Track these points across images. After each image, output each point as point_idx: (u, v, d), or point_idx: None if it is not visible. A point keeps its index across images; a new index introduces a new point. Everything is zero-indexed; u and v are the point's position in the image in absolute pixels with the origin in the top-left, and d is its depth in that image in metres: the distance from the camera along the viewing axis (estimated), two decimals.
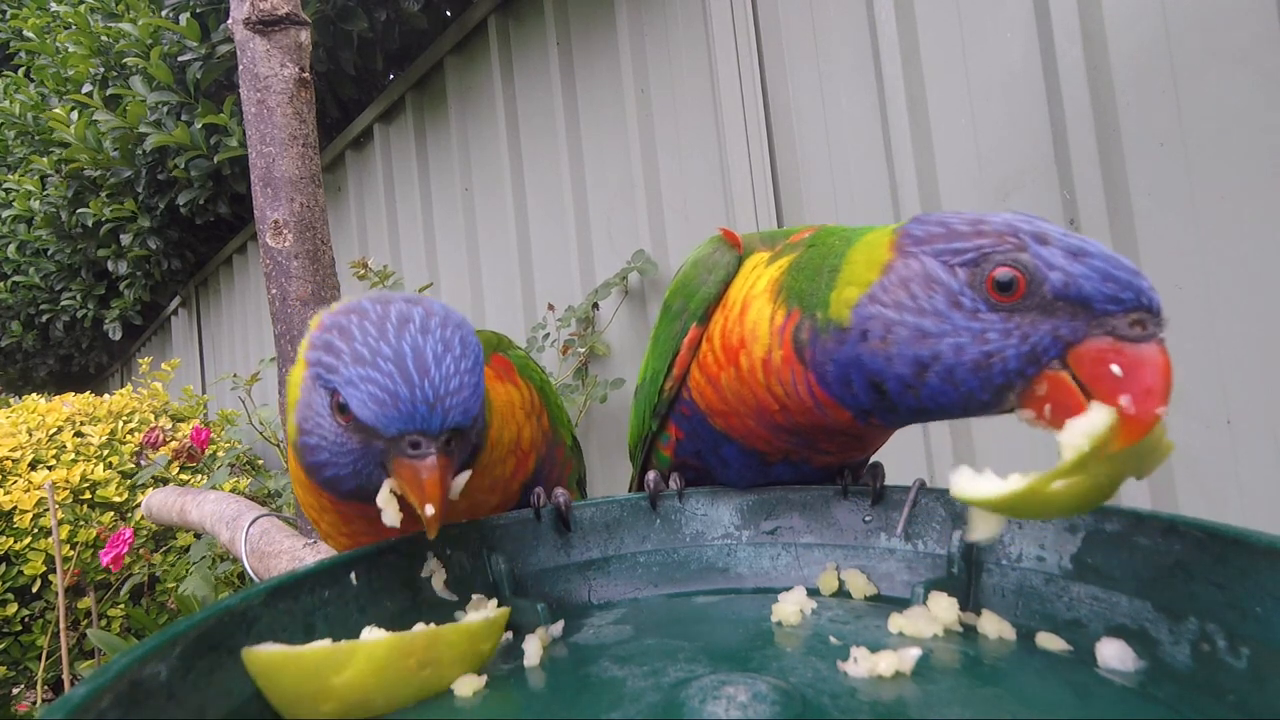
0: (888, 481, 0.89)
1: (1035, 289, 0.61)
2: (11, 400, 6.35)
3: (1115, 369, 0.58)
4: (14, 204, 6.35)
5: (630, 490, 1.16)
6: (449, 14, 3.71)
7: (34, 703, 3.78)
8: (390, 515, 0.72)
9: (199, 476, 4.25)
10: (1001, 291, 0.62)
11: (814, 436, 0.84)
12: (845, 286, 0.71)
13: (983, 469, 0.63)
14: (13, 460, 4.02)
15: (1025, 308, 0.62)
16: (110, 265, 6.13)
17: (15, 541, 3.76)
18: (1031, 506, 0.61)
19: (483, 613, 0.73)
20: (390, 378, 0.66)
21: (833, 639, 0.69)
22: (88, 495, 4.08)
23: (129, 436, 4.52)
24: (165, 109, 4.49)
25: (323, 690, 0.57)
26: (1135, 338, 0.59)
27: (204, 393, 6.56)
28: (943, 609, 0.71)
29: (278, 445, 3.69)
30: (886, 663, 0.60)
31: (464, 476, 0.73)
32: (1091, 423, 0.59)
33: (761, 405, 0.83)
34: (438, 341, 0.69)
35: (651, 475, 0.96)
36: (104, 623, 3.93)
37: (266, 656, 0.57)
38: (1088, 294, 0.59)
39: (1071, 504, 0.60)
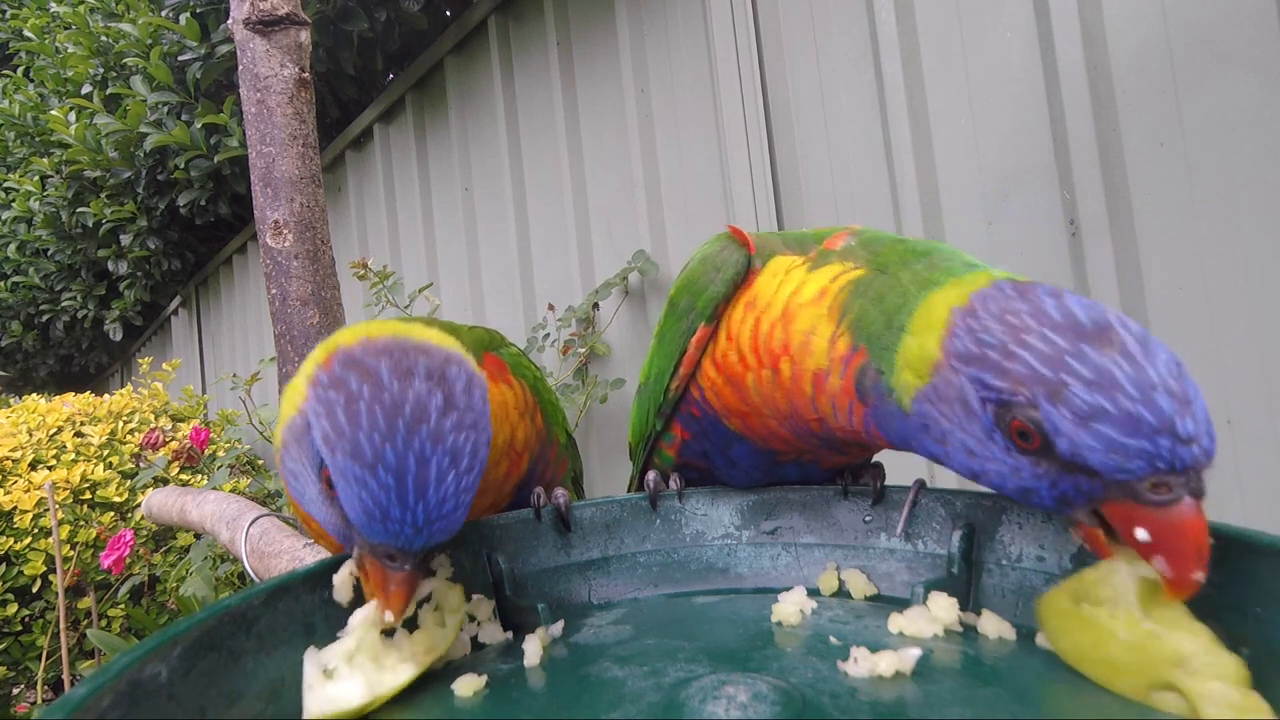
0: (888, 481, 0.89)
1: (1049, 447, 0.58)
2: (11, 400, 6.34)
3: (1140, 533, 0.56)
4: (14, 204, 6.36)
5: (630, 490, 1.16)
6: (449, 14, 3.71)
7: (34, 703, 3.78)
8: (341, 593, 0.69)
9: (199, 477, 4.25)
10: (1024, 440, 0.60)
11: (842, 443, 0.84)
12: (905, 368, 0.69)
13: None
14: (13, 460, 4.02)
15: (1047, 460, 0.59)
16: (110, 265, 6.13)
17: (15, 541, 3.76)
18: (1056, 623, 0.62)
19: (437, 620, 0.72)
20: (386, 491, 0.62)
21: (833, 639, 0.69)
22: (88, 495, 4.08)
23: (129, 436, 4.52)
24: (165, 109, 4.49)
25: None
26: (1157, 503, 0.55)
27: (204, 393, 6.56)
28: (943, 609, 0.71)
29: None
30: (886, 663, 0.60)
31: (429, 583, 0.71)
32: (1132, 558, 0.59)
33: (798, 412, 0.82)
34: (446, 453, 0.63)
35: (651, 475, 0.96)
36: (104, 623, 3.93)
37: None
38: (1094, 466, 0.56)
39: (1083, 643, 0.60)
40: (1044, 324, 0.59)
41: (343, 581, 0.70)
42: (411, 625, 0.70)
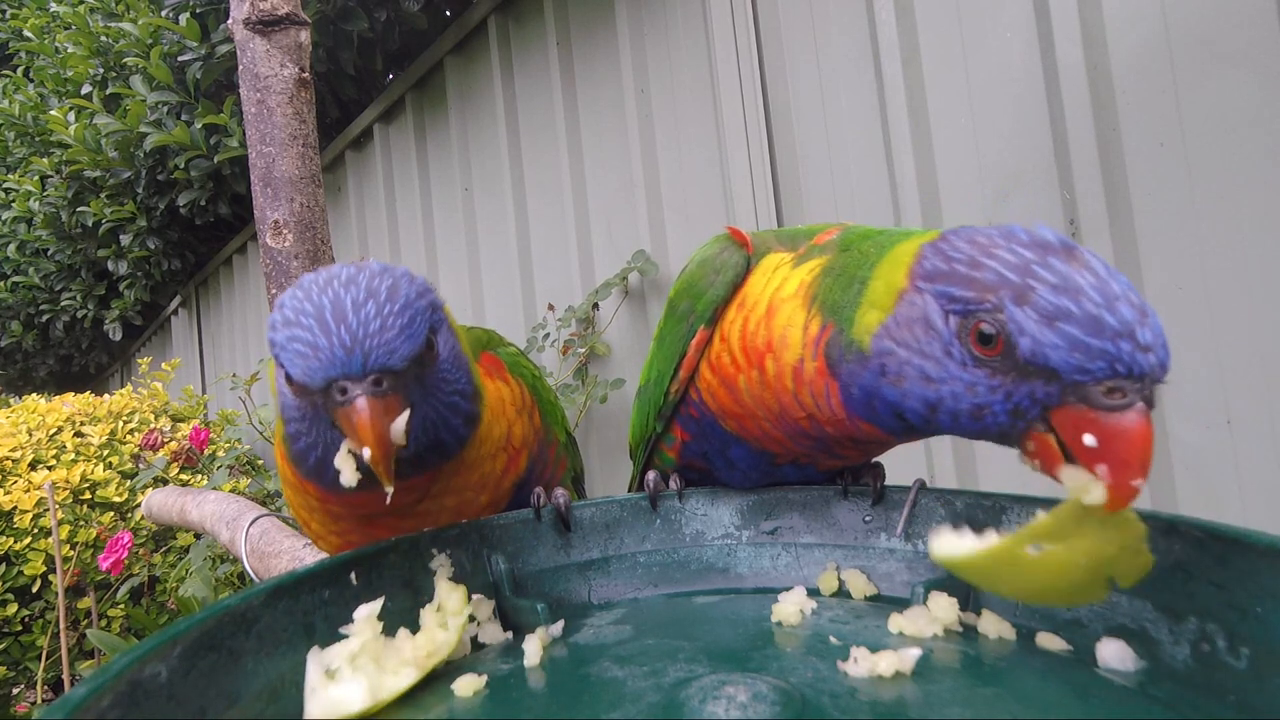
0: (888, 481, 0.89)
1: (1010, 351, 0.59)
2: (11, 400, 6.34)
3: (1088, 439, 0.57)
4: (14, 204, 6.35)
5: (630, 490, 1.16)
6: (449, 14, 3.71)
7: (34, 703, 3.78)
8: (347, 475, 0.72)
9: (199, 477, 4.24)
10: (985, 346, 0.60)
11: (835, 443, 0.83)
12: (869, 309, 0.70)
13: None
14: (13, 460, 4.02)
15: (1005, 367, 0.60)
16: (110, 265, 6.13)
17: (15, 541, 3.75)
18: (1004, 572, 0.59)
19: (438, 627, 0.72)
20: (309, 330, 0.68)
21: (833, 639, 0.69)
22: (88, 495, 4.08)
23: (129, 437, 4.52)
24: (165, 109, 4.49)
25: None
26: (1110, 407, 0.56)
27: (204, 393, 6.56)
28: (943, 609, 0.71)
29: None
30: (886, 663, 0.60)
31: (403, 419, 0.71)
32: (1073, 480, 0.58)
33: (786, 410, 0.82)
34: (360, 290, 0.70)
35: (651, 475, 0.96)
36: (104, 623, 3.93)
37: None
38: (1054, 364, 0.57)
39: (1045, 580, 0.59)
40: (1012, 241, 0.61)
41: (343, 460, 0.72)
42: (414, 626, 0.70)
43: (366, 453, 0.67)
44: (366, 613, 0.66)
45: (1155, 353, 0.56)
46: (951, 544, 0.62)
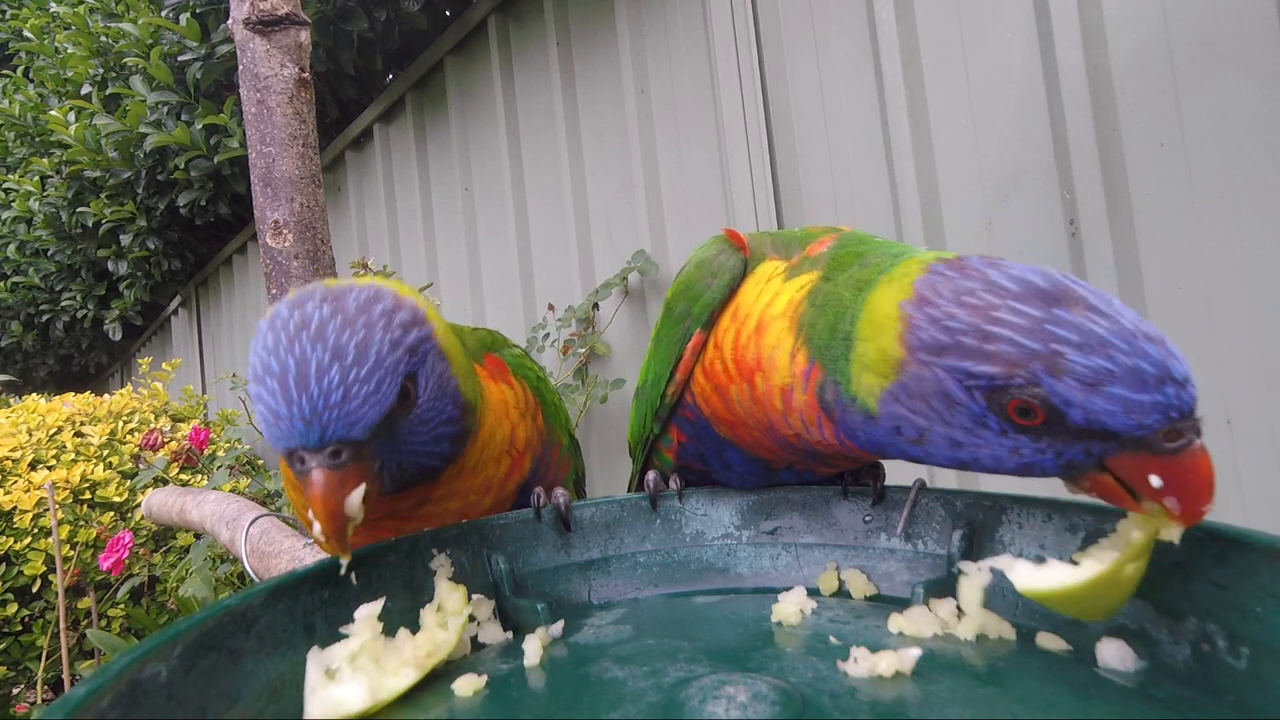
0: (888, 482, 0.89)
1: (1057, 420, 0.57)
2: (11, 400, 6.34)
3: (1155, 480, 0.57)
4: (14, 204, 6.35)
5: (630, 490, 1.16)
6: (449, 14, 3.71)
7: (34, 703, 3.78)
8: (315, 529, 0.69)
9: (199, 477, 4.24)
10: (1024, 418, 0.59)
11: (827, 457, 0.83)
12: (864, 371, 0.67)
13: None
14: (13, 460, 4.02)
15: (1053, 433, 0.59)
16: (110, 266, 6.13)
17: (15, 541, 3.75)
18: (1100, 595, 0.60)
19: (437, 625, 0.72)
20: (274, 395, 0.65)
21: (833, 639, 0.69)
22: (88, 495, 4.07)
23: (129, 437, 4.52)
24: (165, 109, 4.48)
25: None
26: (1172, 450, 0.56)
27: (204, 393, 6.56)
28: (943, 609, 0.71)
29: None
30: (886, 663, 0.60)
31: (359, 492, 0.68)
32: (1149, 511, 0.59)
33: (774, 427, 0.82)
34: (327, 351, 0.66)
35: (651, 475, 0.96)
36: (104, 623, 3.93)
37: None
38: (1113, 428, 0.56)
39: (1119, 596, 0.60)
40: (1006, 297, 0.59)
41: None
42: (414, 626, 0.70)
43: (315, 527, 0.66)
44: (367, 613, 0.65)
45: (1191, 380, 0.55)
46: (1039, 577, 0.61)
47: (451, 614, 0.73)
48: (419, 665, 0.65)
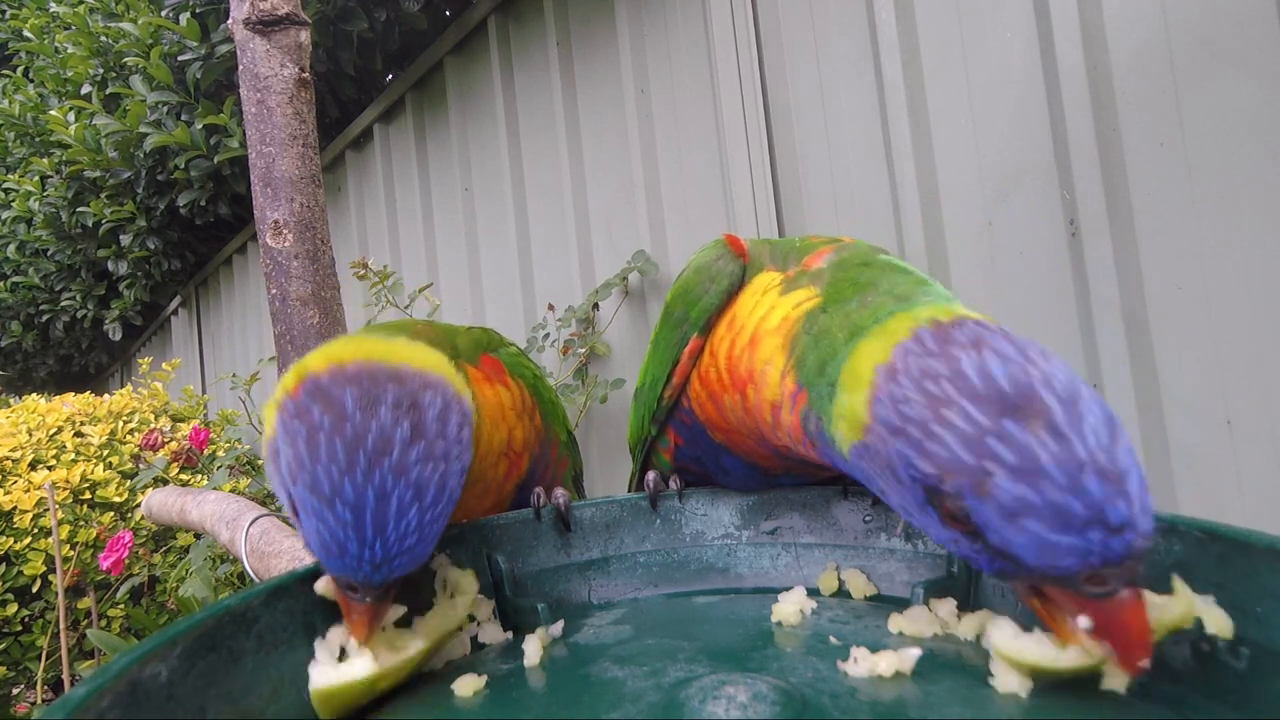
0: None
1: (981, 535, 0.55)
2: (11, 400, 6.34)
3: (1083, 621, 0.54)
4: (14, 204, 6.35)
5: (629, 490, 1.16)
6: (449, 14, 3.71)
7: (34, 703, 3.78)
8: (327, 593, 0.68)
9: (199, 477, 4.24)
10: (954, 520, 0.57)
11: (819, 466, 0.83)
12: (840, 419, 0.66)
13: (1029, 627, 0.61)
14: (13, 460, 4.02)
15: (984, 541, 0.56)
16: (110, 266, 6.13)
17: (15, 541, 3.75)
18: (1060, 674, 0.59)
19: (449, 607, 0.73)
20: (344, 526, 0.60)
21: (833, 639, 0.69)
22: (88, 495, 4.07)
23: (129, 437, 4.52)
24: (165, 109, 4.48)
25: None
26: (1094, 595, 0.52)
27: (204, 393, 6.56)
28: (943, 609, 0.71)
29: None
30: (886, 663, 0.60)
31: (397, 610, 0.67)
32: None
33: (765, 436, 0.82)
34: (409, 487, 0.61)
35: (651, 475, 0.96)
36: (104, 623, 3.93)
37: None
38: (1027, 565, 0.53)
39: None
40: (963, 394, 0.55)
41: (325, 588, 0.69)
42: (426, 607, 0.71)
43: (353, 642, 0.64)
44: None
45: (1133, 527, 0.50)
46: (1019, 646, 0.60)
47: (460, 593, 0.74)
48: (427, 636, 0.67)
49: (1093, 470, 0.51)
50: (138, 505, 3.76)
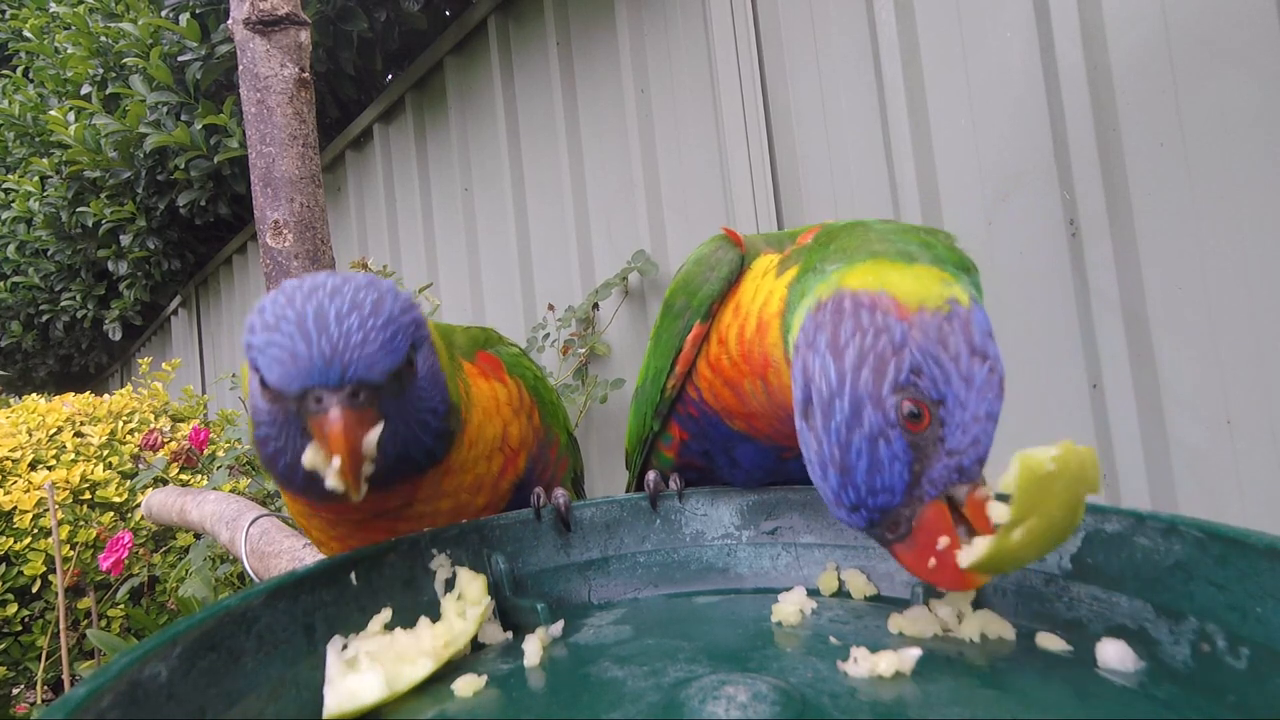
0: None
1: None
2: (11, 400, 6.34)
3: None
4: (14, 205, 6.35)
5: (628, 491, 1.16)
6: (449, 14, 3.71)
7: (34, 703, 3.78)
8: (331, 480, 0.70)
9: (199, 477, 4.24)
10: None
11: None
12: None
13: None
14: (13, 460, 4.01)
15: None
16: (110, 266, 6.13)
17: (15, 542, 3.75)
18: (1006, 562, 0.60)
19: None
20: (290, 337, 0.67)
21: (833, 639, 0.69)
22: (88, 495, 4.07)
23: (129, 437, 4.51)
24: (165, 109, 4.48)
25: None
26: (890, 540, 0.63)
27: (204, 393, 6.55)
28: (943, 609, 0.71)
29: None
30: (886, 663, 0.60)
31: (376, 432, 0.70)
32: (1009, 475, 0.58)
33: (792, 416, 0.83)
34: (344, 301, 0.70)
35: (651, 475, 0.96)
36: (104, 623, 3.93)
37: None
38: None
39: (1042, 546, 0.59)
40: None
41: (311, 458, 0.70)
42: (435, 615, 0.72)
43: (336, 461, 0.67)
44: (378, 625, 0.68)
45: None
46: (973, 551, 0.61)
47: (470, 603, 0.74)
48: (436, 656, 0.67)
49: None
50: (138, 505, 3.76)
